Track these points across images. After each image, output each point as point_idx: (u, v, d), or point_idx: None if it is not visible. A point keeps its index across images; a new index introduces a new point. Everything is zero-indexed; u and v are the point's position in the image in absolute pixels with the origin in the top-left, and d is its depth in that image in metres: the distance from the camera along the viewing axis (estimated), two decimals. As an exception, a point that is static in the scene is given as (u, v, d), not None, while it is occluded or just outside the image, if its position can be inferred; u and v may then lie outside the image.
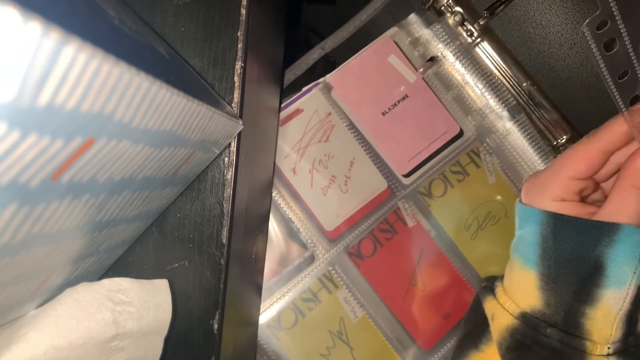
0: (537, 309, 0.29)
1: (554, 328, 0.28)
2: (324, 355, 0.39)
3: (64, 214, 0.16)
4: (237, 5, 0.25)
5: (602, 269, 0.27)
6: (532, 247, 0.30)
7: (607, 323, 0.27)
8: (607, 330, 0.28)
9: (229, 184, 0.26)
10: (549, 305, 0.29)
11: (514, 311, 0.30)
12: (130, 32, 0.19)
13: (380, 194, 0.40)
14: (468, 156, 0.41)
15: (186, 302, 0.26)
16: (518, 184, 0.41)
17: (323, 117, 0.39)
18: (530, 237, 0.30)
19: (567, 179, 0.29)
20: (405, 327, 0.40)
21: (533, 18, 0.37)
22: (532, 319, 0.29)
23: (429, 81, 0.41)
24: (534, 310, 0.29)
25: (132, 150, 0.16)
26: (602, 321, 0.28)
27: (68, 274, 0.20)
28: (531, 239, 0.30)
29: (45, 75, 0.11)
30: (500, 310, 0.31)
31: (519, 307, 0.30)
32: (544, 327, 0.29)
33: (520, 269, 0.31)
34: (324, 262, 0.39)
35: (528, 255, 0.30)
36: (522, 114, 0.41)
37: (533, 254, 0.30)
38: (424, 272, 0.40)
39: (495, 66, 0.40)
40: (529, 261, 0.30)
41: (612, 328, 0.27)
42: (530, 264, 0.30)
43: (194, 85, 0.21)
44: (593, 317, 0.28)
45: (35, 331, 0.18)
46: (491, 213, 0.41)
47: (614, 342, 0.28)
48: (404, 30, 0.40)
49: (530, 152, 0.41)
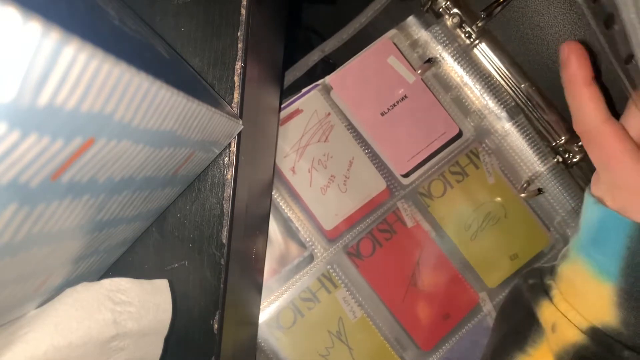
0: (611, 327, 0.26)
1: (632, 352, 0.26)
2: (322, 355, 0.39)
3: (64, 214, 0.16)
4: (237, 5, 0.25)
5: None
6: (615, 258, 0.26)
7: None
8: None
9: (229, 184, 0.26)
10: (628, 325, 0.26)
11: (582, 325, 0.27)
12: (130, 32, 0.19)
13: (379, 194, 0.40)
14: (467, 157, 0.41)
15: (186, 302, 0.26)
16: (517, 185, 0.41)
17: (322, 118, 0.40)
18: (613, 247, 0.26)
19: None
20: (404, 327, 0.40)
21: (531, 19, 0.37)
22: (605, 339, 0.26)
23: (428, 82, 0.41)
24: (607, 328, 0.27)
25: (132, 150, 0.16)
26: None
27: (68, 274, 0.20)
28: (614, 249, 0.26)
29: (45, 75, 0.11)
30: (564, 322, 0.28)
31: (588, 322, 0.27)
32: (620, 349, 0.26)
33: (592, 277, 0.27)
34: (323, 262, 0.39)
35: (607, 266, 0.27)
36: (520, 115, 0.41)
37: (614, 266, 0.26)
38: (424, 273, 0.40)
39: (494, 67, 0.40)
40: (607, 272, 0.27)
41: None
42: (608, 275, 0.27)
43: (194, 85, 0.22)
44: None
45: (35, 331, 0.18)
46: (491, 214, 0.41)
47: None
48: (403, 32, 0.41)
49: (529, 153, 0.41)
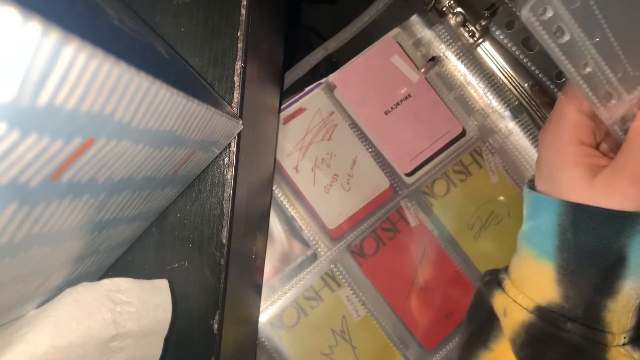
0: (554, 302, 0.28)
1: (574, 323, 0.27)
2: (326, 354, 0.39)
3: (64, 214, 0.16)
4: (237, 5, 0.25)
5: (623, 260, 0.26)
6: (549, 237, 0.28)
7: (626, 313, 0.27)
8: (624, 320, 0.27)
9: (229, 184, 0.26)
10: (568, 298, 0.27)
11: (529, 305, 0.29)
12: (130, 32, 0.19)
13: (383, 192, 0.40)
14: (470, 156, 0.41)
15: (186, 302, 0.26)
16: (521, 184, 0.41)
17: (326, 116, 0.39)
18: (546, 227, 0.28)
19: (576, 114, 0.27)
20: (407, 326, 0.40)
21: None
22: (550, 314, 0.28)
23: (432, 81, 0.41)
24: (551, 304, 0.28)
25: (132, 150, 0.16)
26: (621, 312, 0.27)
27: (68, 274, 0.20)
28: (547, 229, 0.28)
29: (45, 75, 0.11)
30: (513, 305, 0.30)
31: (534, 301, 0.29)
32: (564, 321, 0.27)
33: (533, 260, 0.29)
34: (326, 261, 0.39)
35: (544, 247, 0.28)
36: (524, 113, 0.40)
37: (550, 245, 0.28)
38: (427, 272, 0.40)
39: (497, 66, 0.40)
40: (545, 252, 0.28)
41: (629, 317, 0.27)
42: (546, 255, 0.28)
43: (194, 85, 0.21)
44: (614, 309, 0.27)
45: (35, 331, 0.18)
46: (494, 213, 0.41)
47: (628, 330, 0.27)
48: (407, 31, 0.40)
49: (532, 152, 0.41)
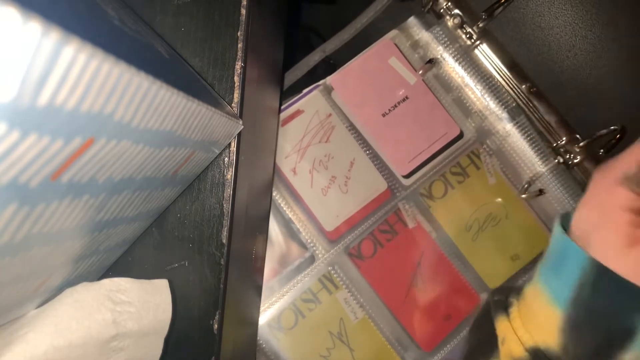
0: (552, 350, 0.28)
1: None
2: (323, 356, 0.39)
3: (64, 214, 0.16)
4: (237, 5, 0.25)
5: (632, 334, 0.26)
6: (567, 287, 0.27)
7: None
8: None
9: (229, 184, 0.26)
10: (567, 352, 0.27)
11: (527, 343, 0.29)
12: (130, 32, 0.19)
13: (381, 194, 0.40)
14: (468, 157, 0.41)
15: (186, 302, 0.26)
16: (518, 186, 0.41)
17: (323, 118, 0.39)
18: (567, 277, 0.28)
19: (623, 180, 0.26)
20: (405, 328, 0.40)
21: (532, 20, 0.37)
22: None
23: (429, 83, 0.41)
24: (549, 351, 0.28)
25: (132, 150, 0.16)
26: None
27: (68, 274, 0.20)
28: (567, 279, 0.28)
29: (45, 75, 0.11)
30: (512, 336, 0.29)
31: (533, 341, 0.28)
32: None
33: (546, 302, 0.29)
34: (324, 263, 0.39)
35: (559, 294, 0.28)
36: (521, 115, 0.41)
37: (566, 294, 0.27)
38: (425, 274, 0.40)
39: (495, 68, 0.40)
40: (559, 299, 0.28)
41: None
42: (559, 302, 0.28)
43: (194, 85, 0.22)
44: None
45: (35, 331, 0.18)
46: (492, 214, 0.41)
47: None
48: (404, 33, 0.41)
49: (530, 154, 0.41)
